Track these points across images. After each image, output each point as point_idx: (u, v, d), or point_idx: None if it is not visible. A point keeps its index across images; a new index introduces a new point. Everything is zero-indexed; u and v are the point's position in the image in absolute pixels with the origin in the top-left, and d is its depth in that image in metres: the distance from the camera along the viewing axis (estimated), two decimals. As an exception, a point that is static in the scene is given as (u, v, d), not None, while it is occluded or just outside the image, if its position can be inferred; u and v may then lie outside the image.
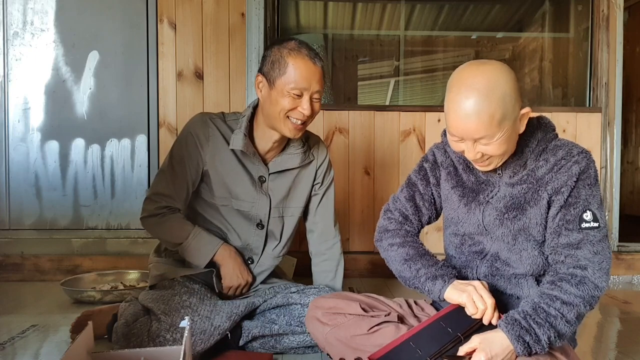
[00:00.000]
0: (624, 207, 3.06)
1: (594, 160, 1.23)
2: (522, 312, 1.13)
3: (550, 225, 1.22)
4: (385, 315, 1.31)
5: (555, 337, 1.11)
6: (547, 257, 1.25)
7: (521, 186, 1.25)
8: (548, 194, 1.21)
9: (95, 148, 2.78)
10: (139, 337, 1.47)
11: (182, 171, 1.68)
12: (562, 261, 1.19)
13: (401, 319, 1.34)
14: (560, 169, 1.21)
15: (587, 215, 1.18)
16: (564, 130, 2.89)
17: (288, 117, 1.59)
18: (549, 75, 3.87)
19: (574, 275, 1.15)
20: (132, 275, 2.47)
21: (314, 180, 1.81)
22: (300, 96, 1.57)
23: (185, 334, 1.09)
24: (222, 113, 1.76)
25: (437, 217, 1.46)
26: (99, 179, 2.79)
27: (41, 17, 2.75)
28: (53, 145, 2.76)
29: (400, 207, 1.41)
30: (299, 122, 1.60)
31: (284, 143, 1.73)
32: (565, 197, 1.19)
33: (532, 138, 1.25)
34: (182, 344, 1.07)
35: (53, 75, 2.76)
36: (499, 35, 4.24)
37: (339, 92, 4.00)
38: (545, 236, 1.24)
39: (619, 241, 2.89)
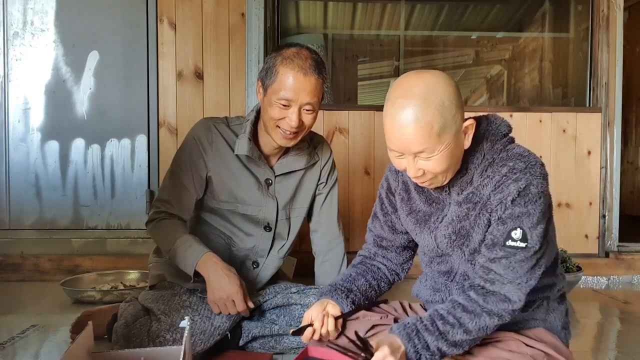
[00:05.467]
0: (624, 207, 3.06)
1: (540, 175, 1.13)
2: (418, 317, 1.12)
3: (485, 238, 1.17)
4: (381, 318, 1.29)
5: (448, 347, 1.09)
6: None
7: (467, 205, 1.18)
8: (488, 213, 1.15)
9: (95, 148, 2.78)
10: (138, 338, 1.47)
11: (184, 177, 1.66)
12: (475, 271, 1.15)
13: (397, 321, 1.32)
14: (499, 187, 1.13)
15: (516, 234, 1.11)
16: (564, 131, 2.89)
17: (278, 126, 1.57)
18: (549, 75, 3.87)
19: (482, 287, 1.12)
20: (132, 275, 2.47)
21: (319, 180, 1.80)
22: (287, 107, 1.53)
23: (185, 334, 1.09)
24: (226, 118, 1.73)
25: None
26: (99, 179, 2.78)
27: (41, 17, 2.75)
28: (53, 145, 2.76)
29: (372, 236, 1.41)
30: (288, 132, 1.56)
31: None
32: (499, 215, 1.12)
33: (478, 152, 1.18)
34: (182, 344, 1.07)
35: (53, 75, 2.76)
36: (499, 35, 4.24)
37: (339, 92, 3.99)
38: None
39: (619, 241, 2.89)
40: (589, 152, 2.90)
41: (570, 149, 2.89)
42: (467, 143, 1.15)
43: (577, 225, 2.89)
